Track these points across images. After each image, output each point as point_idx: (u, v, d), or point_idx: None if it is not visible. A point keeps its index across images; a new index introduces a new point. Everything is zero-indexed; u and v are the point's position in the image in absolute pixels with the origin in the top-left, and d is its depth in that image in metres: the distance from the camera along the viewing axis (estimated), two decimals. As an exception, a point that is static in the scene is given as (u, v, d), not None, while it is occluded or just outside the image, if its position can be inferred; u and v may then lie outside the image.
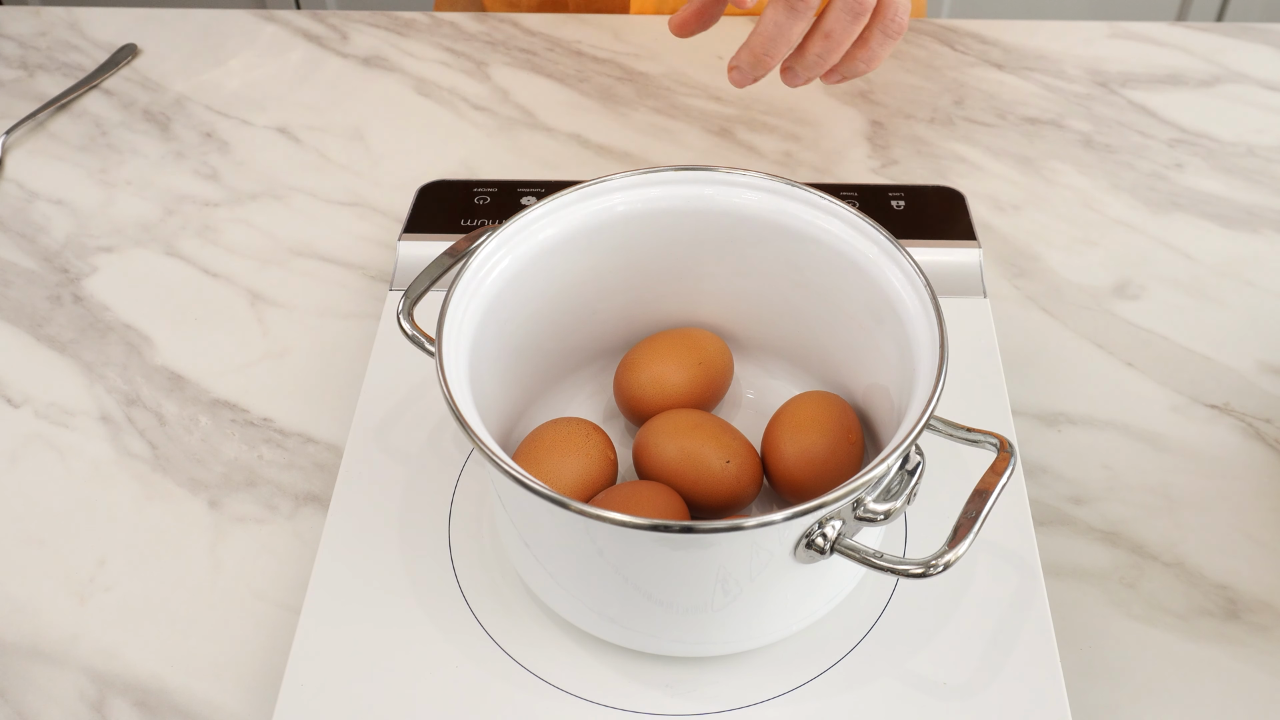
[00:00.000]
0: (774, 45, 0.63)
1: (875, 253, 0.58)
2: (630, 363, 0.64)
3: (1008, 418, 0.66)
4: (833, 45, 0.64)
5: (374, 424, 0.66)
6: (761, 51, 0.63)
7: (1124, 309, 0.77)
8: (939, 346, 0.53)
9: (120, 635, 0.60)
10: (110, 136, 0.91)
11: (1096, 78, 0.96)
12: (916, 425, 0.49)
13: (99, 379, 0.73)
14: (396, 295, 0.74)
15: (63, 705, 0.58)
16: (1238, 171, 0.87)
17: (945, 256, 0.74)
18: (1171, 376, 0.73)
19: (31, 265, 0.81)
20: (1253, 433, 0.70)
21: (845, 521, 0.50)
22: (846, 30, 0.64)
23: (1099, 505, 0.66)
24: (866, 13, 0.63)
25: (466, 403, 0.52)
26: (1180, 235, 0.82)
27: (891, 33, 0.65)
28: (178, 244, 0.82)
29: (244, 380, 0.73)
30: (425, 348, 0.59)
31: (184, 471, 0.68)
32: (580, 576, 0.54)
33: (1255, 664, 0.59)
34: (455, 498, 0.63)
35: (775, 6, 0.62)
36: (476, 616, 0.58)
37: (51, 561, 0.64)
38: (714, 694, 0.56)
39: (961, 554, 0.49)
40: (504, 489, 0.54)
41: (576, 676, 0.56)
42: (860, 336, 0.62)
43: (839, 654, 0.57)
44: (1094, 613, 0.61)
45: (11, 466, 0.68)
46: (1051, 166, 0.88)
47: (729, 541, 0.49)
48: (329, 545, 0.61)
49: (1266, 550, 0.64)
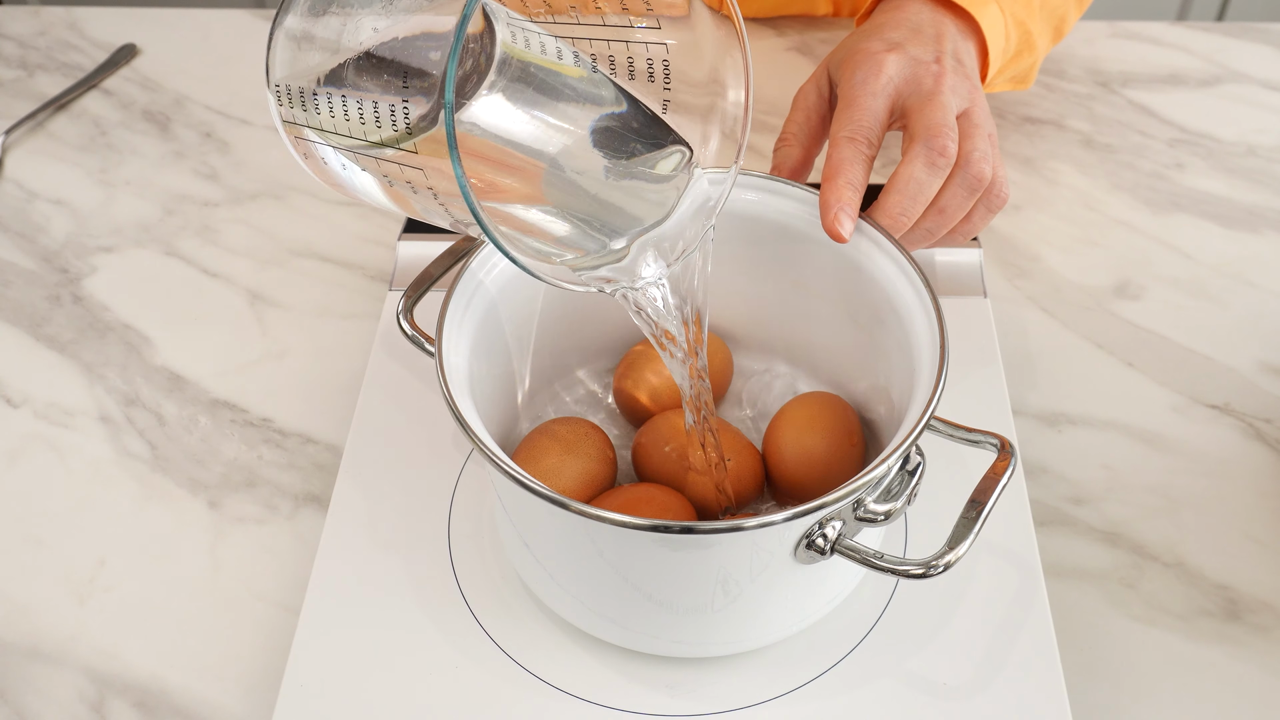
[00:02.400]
0: (913, 205, 0.58)
1: (875, 253, 0.58)
2: (629, 364, 0.64)
3: (1008, 418, 0.66)
4: (944, 221, 0.61)
5: (374, 424, 0.66)
6: (899, 212, 0.58)
7: (1124, 309, 0.77)
8: (939, 346, 0.53)
9: (120, 635, 0.60)
10: (110, 136, 0.91)
11: (1097, 78, 0.96)
12: (917, 426, 0.49)
13: (99, 379, 0.73)
14: (396, 295, 0.74)
15: (62, 705, 0.58)
16: (1238, 171, 0.87)
17: (945, 256, 0.74)
18: (1171, 376, 0.73)
19: (31, 265, 0.81)
20: (1253, 433, 0.70)
21: (845, 522, 0.50)
22: (961, 207, 0.60)
23: (1099, 505, 0.66)
24: (982, 188, 0.60)
25: (466, 403, 0.52)
26: (1180, 235, 0.82)
27: (994, 207, 0.62)
28: (177, 244, 0.82)
29: (243, 380, 0.73)
30: (425, 348, 0.59)
31: (183, 472, 0.68)
32: (580, 577, 0.54)
33: (1255, 664, 0.59)
34: (455, 498, 0.63)
35: (913, 163, 0.58)
36: (476, 617, 0.58)
37: (51, 561, 0.64)
38: (714, 695, 0.56)
39: (961, 554, 0.49)
40: (504, 489, 0.54)
41: (576, 677, 0.56)
42: (860, 336, 0.62)
43: (839, 654, 0.57)
44: (1094, 613, 0.61)
45: (11, 466, 0.68)
46: (1051, 166, 0.88)
47: (729, 542, 0.49)
48: (329, 545, 0.61)
49: (1267, 550, 0.64)
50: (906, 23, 0.65)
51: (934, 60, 0.62)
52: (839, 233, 0.57)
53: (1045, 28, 0.75)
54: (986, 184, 0.60)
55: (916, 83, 0.61)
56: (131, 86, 0.96)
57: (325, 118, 0.49)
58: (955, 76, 0.62)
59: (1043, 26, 0.74)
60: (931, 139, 0.58)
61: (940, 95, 0.60)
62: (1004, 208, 0.63)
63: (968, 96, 0.62)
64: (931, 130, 0.58)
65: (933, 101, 0.60)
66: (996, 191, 0.61)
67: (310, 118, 0.50)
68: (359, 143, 0.49)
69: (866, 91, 0.60)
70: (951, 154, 0.58)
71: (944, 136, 0.58)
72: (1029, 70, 0.78)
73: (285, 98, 0.51)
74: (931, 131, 0.58)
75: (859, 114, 0.60)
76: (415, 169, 0.47)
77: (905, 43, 0.63)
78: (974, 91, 0.62)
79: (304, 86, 0.50)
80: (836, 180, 0.57)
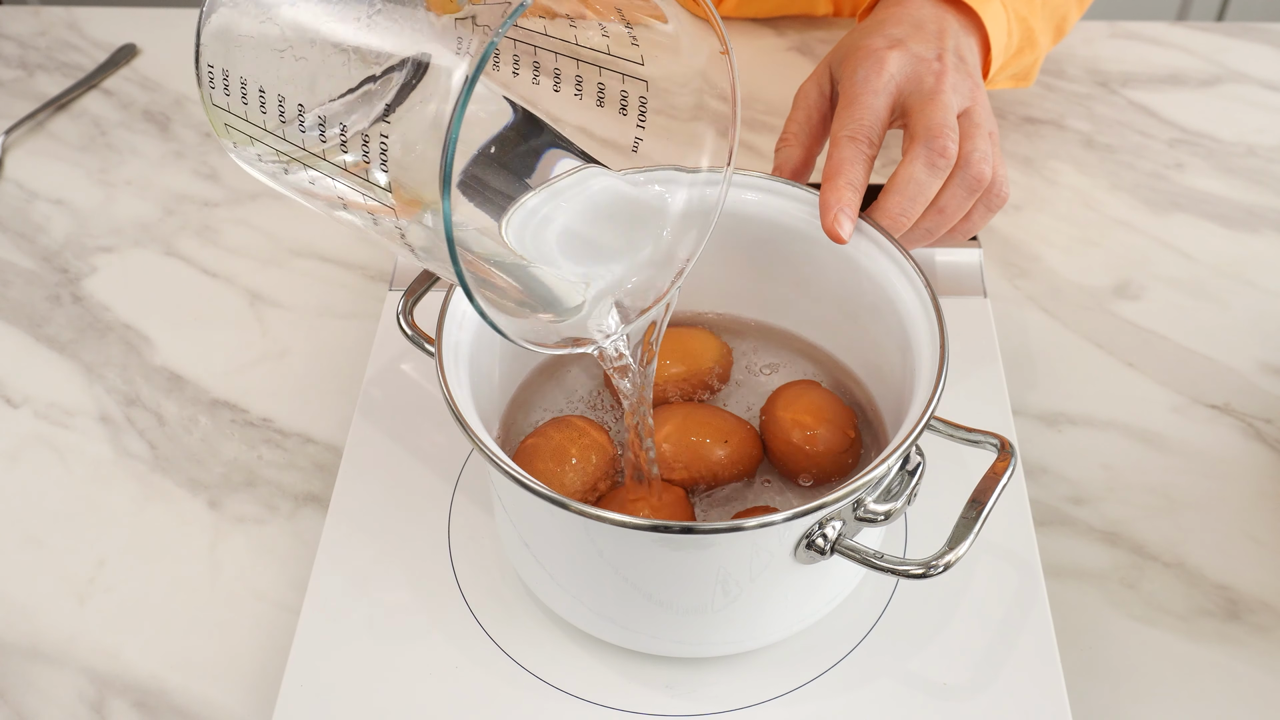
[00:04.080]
0: (913, 205, 0.58)
1: (875, 253, 0.58)
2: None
3: (1008, 418, 0.66)
4: (944, 220, 0.60)
5: (374, 424, 0.66)
6: (898, 212, 0.58)
7: (1124, 309, 0.77)
8: (939, 347, 0.53)
9: (120, 636, 0.60)
10: (110, 136, 0.91)
11: (1097, 77, 0.96)
12: (917, 426, 0.49)
13: (99, 379, 0.73)
14: (396, 295, 0.74)
15: (62, 706, 0.58)
16: (1238, 171, 0.87)
17: (945, 256, 0.74)
18: (1171, 376, 0.73)
19: (31, 265, 0.81)
20: (1253, 433, 0.70)
21: (845, 522, 0.50)
22: (961, 206, 0.60)
23: (1099, 505, 0.66)
24: (982, 189, 0.60)
25: (466, 403, 0.52)
26: (1180, 235, 0.82)
27: (994, 206, 0.61)
28: (177, 244, 0.82)
29: (243, 380, 0.73)
30: (425, 348, 0.59)
31: (183, 472, 0.68)
32: (580, 577, 0.54)
33: (1255, 664, 0.59)
34: (455, 498, 0.63)
35: (914, 163, 0.58)
36: (476, 617, 0.58)
37: (51, 562, 0.64)
38: (714, 694, 0.56)
39: (962, 554, 0.49)
40: (504, 489, 0.54)
41: (576, 677, 0.56)
42: (860, 337, 0.62)
43: (839, 655, 0.57)
44: (1094, 613, 0.61)
45: (11, 466, 0.68)
46: (1051, 166, 0.88)
47: (729, 542, 0.49)
48: (329, 545, 0.61)
49: (1267, 550, 0.64)
50: (909, 19, 0.65)
51: (936, 58, 0.62)
52: (839, 234, 0.57)
53: (1047, 25, 0.75)
54: (986, 184, 0.60)
55: (918, 80, 0.61)
56: (131, 86, 0.96)
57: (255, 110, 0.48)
58: (957, 74, 0.61)
59: (1044, 24, 0.74)
60: (932, 139, 0.58)
61: (941, 94, 0.60)
62: (1004, 207, 0.63)
63: (969, 95, 0.61)
64: (932, 130, 0.58)
65: (934, 100, 0.60)
66: (997, 191, 0.61)
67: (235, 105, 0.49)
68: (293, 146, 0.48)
69: (868, 90, 0.60)
70: (952, 154, 0.58)
71: (944, 137, 0.58)
72: (1030, 68, 0.78)
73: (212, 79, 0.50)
74: (932, 132, 0.58)
75: (860, 112, 0.60)
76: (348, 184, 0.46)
77: (907, 39, 0.62)
78: (975, 89, 0.62)
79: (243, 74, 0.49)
80: (836, 181, 0.57)
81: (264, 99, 0.47)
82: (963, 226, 0.62)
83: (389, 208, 0.44)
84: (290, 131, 0.47)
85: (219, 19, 0.48)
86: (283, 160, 0.48)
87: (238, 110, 0.49)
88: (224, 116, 0.50)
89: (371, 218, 0.46)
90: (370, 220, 0.47)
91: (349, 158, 0.45)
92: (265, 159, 0.50)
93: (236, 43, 0.48)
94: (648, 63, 0.52)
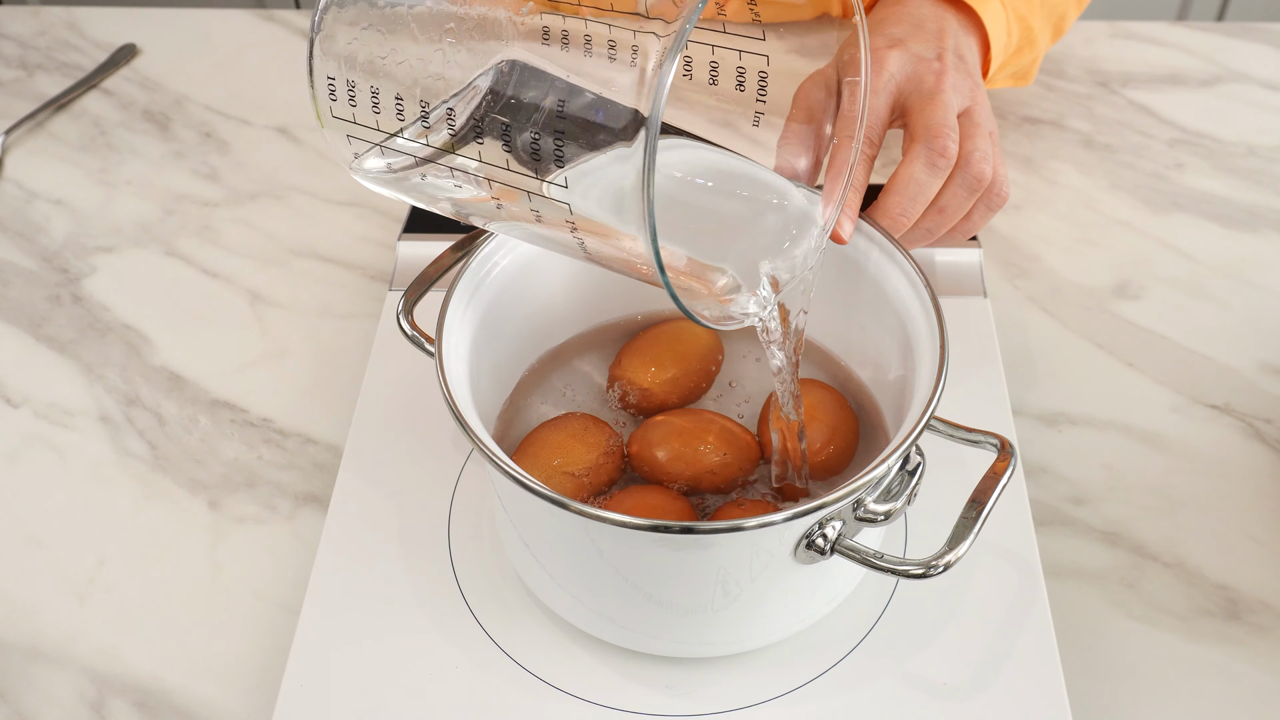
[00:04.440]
0: (913, 206, 0.58)
1: (875, 253, 0.58)
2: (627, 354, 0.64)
3: (1008, 418, 0.66)
4: (944, 220, 0.60)
5: (374, 424, 0.66)
6: (899, 212, 0.58)
7: (1124, 309, 0.77)
8: (939, 347, 0.53)
9: (120, 636, 0.60)
10: (110, 136, 0.91)
11: (1097, 77, 0.96)
12: (917, 426, 0.49)
13: (98, 379, 0.73)
14: (396, 295, 0.74)
15: (62, 706, 0.58)
16: (1238, 171, 0.87)
17: (945, 256, 0.74)
18: (1171, 376, 0.73)
19: (31, 265, 0.81)
20: (1253, 433, 0.70)
21: (845, 522, 0.50)
22: (961, 206, 0.60)
23: (1099, 505, 0.66)
24: (982, 188, 0.60)
25: (466, 403, 0.52)
26: (1180, 235, 0.82)
27: (994, 206, 0.61)
28: (177, 244, 0.82)
29: (243, 380, 0.73)
30: (425, 348, 0.59)
31: (183, 472, 0.68)
32: (580, 577, 0.54)
33: (1256, 664, 0.59)
34: (455, 498, 0.63)
35: (914, 163, 0.58)
36: (476, 617, 0.58)
37: (51, 562, 0.64)
38: (714, 694, 0.56)
39: (962, 554, 0.49)
40: (504, 489, 0.54)
41: (576, 677, 0.56)
42: (860, 336, 0.62)
43: (839, 654, 0.57)
44: (1094, 613, 0.61)
45: (11, 466, 0.68)
46: (1051, 166, 0.88)
47: (729, 542, 0.49)
48: (329, 545, 0.61)
49: (1267, 550, 0.64)
50: (909, 18, 0.65)
51: (936, 57, 0.62)
52: (838, 234, 0.57)
53: (1046, 24, 0.75)
54: (987, 184, 0.60)
55: (918, 80, 0.61)
56: (131, 86, 0.96)
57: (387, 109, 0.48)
58: (957, 74, 0.61)
59: (1043, 23, 0.74)
60: (932, 139, 0.58)
61: (941, 94, 0.60)
62: (1004, 207, 0.63)
63: (969, 94, 0.61)
64: (932, 130, 0.58)
65: (934, 100, 0.59)
66: (997, 191, 0.61)
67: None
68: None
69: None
70: (952, 154, 0.58)
71: (944, 137, 0.58)
72: (1030, 67, 0.78)
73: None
74: (932, 132, 0.58)
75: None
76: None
77: (907, 39, 0.62)
78: (975, 89, 0.62)
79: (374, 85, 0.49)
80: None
81: (401, 105, 0.47)
82: (963, 226, 0.62)
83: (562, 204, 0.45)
84: (436, 137, 0.47)
85: (335, 30, 0.49)
86: (420, 166, 0.48)
87: (366, 120, 0.49)
88: (345, 128, 0.50)
89: (532, 209, 0.46)
90: (532, 213, 0.46)
91: (496, 154, 0.45)
92: (396, 167, 0.50)
93: (358, 51, 0.48)
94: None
